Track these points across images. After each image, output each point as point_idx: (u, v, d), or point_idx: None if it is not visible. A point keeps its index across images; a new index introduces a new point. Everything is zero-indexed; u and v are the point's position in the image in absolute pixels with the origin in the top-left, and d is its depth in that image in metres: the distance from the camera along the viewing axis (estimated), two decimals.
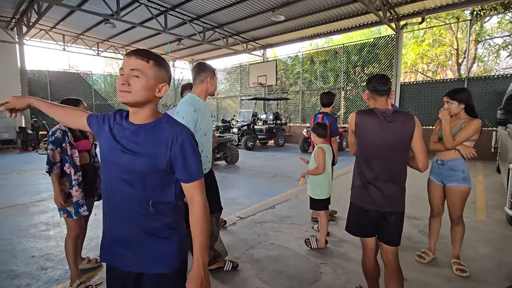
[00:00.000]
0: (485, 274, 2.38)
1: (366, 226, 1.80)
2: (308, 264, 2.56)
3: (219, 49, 12.73)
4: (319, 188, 2.89)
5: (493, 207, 4.07)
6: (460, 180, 2.33)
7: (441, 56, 14.30)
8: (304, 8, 8.89)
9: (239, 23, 10.23)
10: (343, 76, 11.51)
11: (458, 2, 8.23)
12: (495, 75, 8.71)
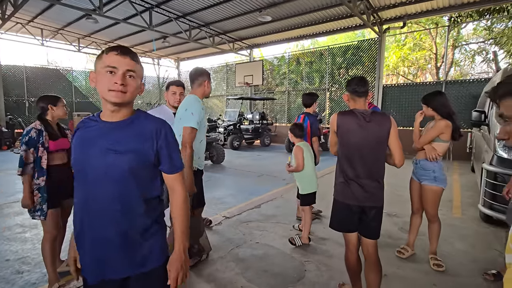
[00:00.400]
0: (460, 269, 2.50)
1: (349, 221, 1.87)
2: (292, 262, 2.59)
3: (205, 47, 12.60)
4: (301, 183, 3.01)
5: (468, 205, 4.27)
6: (431, 180, 2.44)
7: (421, 60, 14.85)
8: (291, 10, 8.97)
9: (226, 22, 10.19)
10: (328, 77, 11.71)
11: (437, 8, 8.57)
12: (470, 79, 9.14)
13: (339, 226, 1.93)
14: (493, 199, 3.21)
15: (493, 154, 3.28)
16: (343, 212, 1.87)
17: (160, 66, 17.29)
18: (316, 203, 3.81)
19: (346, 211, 1.85)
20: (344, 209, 1.86)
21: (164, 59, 16.93)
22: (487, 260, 2.67)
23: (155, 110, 2.53)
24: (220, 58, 18.74)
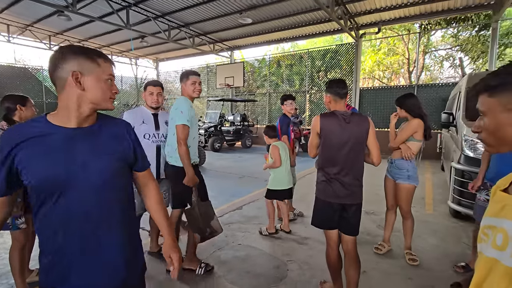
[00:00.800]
0: (433, 262, 2.63)
1: (330, 219, 1.92)
2: (275, 262, 2.60)
3: (185, 48, 12.42)
4: (272, 180, 3.18)
5: (439, 202, 4.50)
6: (405, 178, 2.57)
7: (395, 64, 15.57)
8: (271, 13, 9.06)
9: (206, 23, 10.11)
10: (308, 80, 11.94)
11: (409, 15, 9.03)
12: (439, 83, 9.68)
13: (320, 223, 1.98)
14: (461, 195, 3.41)
15: (461, 153, 3.49)
16: (324, 210, 1.93)
17: (138, 66, 16.80)
18: (297, 205, 3.86)
19: (327, 208, 1.91)
20: (325, 207, 1.91)
21: (142, 59, 16.49)
22: (457, 253, 2.84)
23: (132, 111, 2.46)
24: (201, 59, 18.53)
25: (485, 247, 0.70)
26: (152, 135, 2.40)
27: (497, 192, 0.73)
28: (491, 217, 0.71)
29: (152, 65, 17.06)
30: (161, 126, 2.46)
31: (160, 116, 2.49)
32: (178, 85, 16.56)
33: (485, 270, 0.67)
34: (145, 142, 2.37)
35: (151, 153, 2.40)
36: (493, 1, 7.76)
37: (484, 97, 0.72)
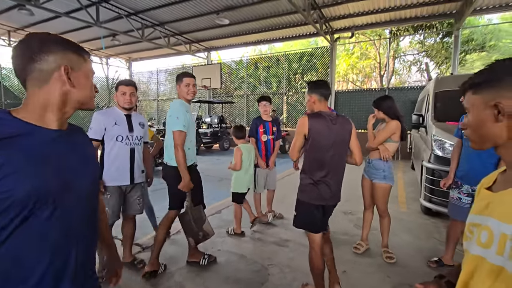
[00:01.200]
0: (408, 259, 2.71)
1: (316, 222, 1.91)
2: (255, 266, 2.54)
3: (160, 48, 12.05)
4: (234, 182, 3.19)
5: (411, 199, 4.70)
6: (381, 178, 2.63)
7: (367, 68, 16.23)
8: (248, 14, 9.05)
9: (182, 22, 9.87)
10: (285, 82, 12.07)
11: (380, 21, 9.44)
12: (408, 87, 10.21)
13: (305, 226, 1.96)
14: (432, 193, 3.57)
15: (431, 153, 3.66)
16: (310, 214, 1.90)
17: (109, 66, 16.05)
18: (276, 207, 3.84)
19: (313, 211, 1.89)
20: (311, 210, 1.89)
21: (114, 58, 15.77)
22: (429, 248, 2.95)
23: (103, 112, 2.29)
24: (176, 60, 18.11)
25: (471, 244, 0.71)
26: (126, 137, 2.25)
27: (482, 190, 0.75)
28: (476, 215, 0.72)
29: (125, 65, 16.38)
30: (134, 128, 2.32)
31: (134, 118, 2.35)
32: (152, 86, 16.05)
33: (471, 267, 0.68)
34: (118, 144, 2.22)
35: (124, 156, 2.26)
36: (454, 11, 8.32)
37: (469, 95, 0.73)
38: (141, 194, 2.44)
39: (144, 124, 2.42)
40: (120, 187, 2.27)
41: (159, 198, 4.58)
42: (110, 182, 2.23)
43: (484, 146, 0.73)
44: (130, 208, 2.39)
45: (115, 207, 2.25)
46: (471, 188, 2.30)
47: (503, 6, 7.95)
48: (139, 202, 2.42)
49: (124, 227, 2.48)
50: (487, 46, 12.85)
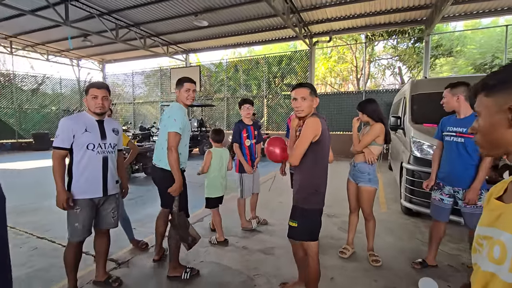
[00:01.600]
0: (393, 261, 2.72)
1: (319, 227, 1.91)
2: (241, 277, 2.43)
3: (136, 49, 11.64)
4: (206, 187, 3.13)
5: (391, 200, 4.80)
6: (366, 181, 2.63)
7: (345, 72, 16.69)
8: (228, 16, 8.96)
9: (158, 23, 9.58)
10: (265, 85, 12.08)
11: (356, 26, 9.73)
12: (383, 90, 10.58)
13: (310, 236, 1.87)
14: (412, 193, 3.65)
15: (410, 154, 3.74)
16: (315, 221, 1.88)
17: (80, 68, 15.26)
18: (260, 212, 3.75)
19: (318, 218, 1.89)
20: (316, 216, 1.88)
21: (86, 60, 15.01)
22: (412, 249, 2.99)
23: (72, 117, 2.07)
24: (153, 62, 17.61)
25: (481, 258, 0.66)
26: (98, 145, 2.06)
27: (492, 200, 0.70)
28: (486, 227, 0.68)
29: (98, 66, 15.65)
30: (108, 135, 2.13)
31: (107, 124, 2.16)
32: (128, 89, 15.45)
33: (481, 284, 0.63)
34: (88, 153, 2.03)
35: (96, 165, 2.06)
36: (425, 18, 8.75)
37: (481, 97, 0.68)
38: (116, 206, 2.24)
39: (118, 130, 2.24)
40: (91, 200, 2.07)
41: (136, 207, 4.34)
42: (79, 194, 2.02)
43: (494, 153, 0.69)
44: (104, 222, 2.20)
45: (86, 222, 2.05)
46: (452, 189, 2.34)
47: (467, 14, 8.49)
48: (114, 215, 2.22)
49: (97, 242, 2.27)
50: (454, 51, 13.67)
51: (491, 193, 0.75)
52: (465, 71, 12.53)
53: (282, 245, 3.04)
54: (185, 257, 2.80)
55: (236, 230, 3.49)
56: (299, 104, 1.85)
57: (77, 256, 2.12)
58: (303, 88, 1.87)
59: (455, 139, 2.29)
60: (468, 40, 13.55)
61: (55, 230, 3.45)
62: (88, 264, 2.59)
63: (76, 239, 2.05)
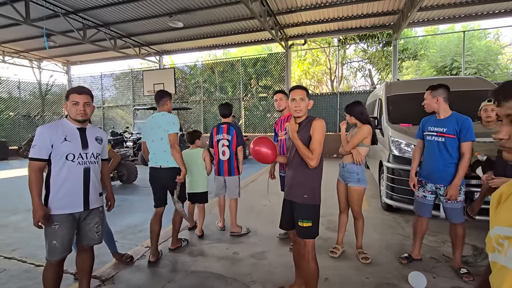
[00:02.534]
0: (380, 257, 2.81)
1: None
2: (236, 285, 2.37)
3: (105, 51, 11.06)
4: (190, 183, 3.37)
5: (370, 197, 4.97)
6: (355, 181, 2.70)
7: (319, 74, 17.16)
8: (203, 18, 8.82)
9: (130, 24, 9.18)
10: (242, 87, 12.05)
11: (329, 30, 10.06)
12: (356, 91, 11.03)
13: (318, 232, 2.00)
14: (392, 190, 3.81)
15: (389, 153, 3.91)
16: (319, 216, 2.01)
17: (42, 70, 14.19)
18: (245, 217, 3.70)
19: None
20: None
21: (48, 61, 13.99)
22: (396, 244, 3.11)
23: (51, 126, 1.85)
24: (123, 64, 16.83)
25: (505, 258, 0.66)
26: (78, 155, 1.88)
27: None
28: (508, 227, 0.68)
29: (62, 69, 14.65)
30: (90, 144, 1.96)
31: (89, 131, 1.99)
32: (96, 92, 14.65)
33: (509, 284, 0.62)
34: (68, 164, 1.85)
35: (77, 177, 1.89)
36: (392, 23, 9.26)
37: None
38: (100, 220, 2.07)
39: (102, 138, 2.07)
40: (71, 215, 1.89)
41: (114, 218, 4.09)
42: (58, 209, 1.84)
43: None
44: (86, 238, 2.01)
45: (65, 239, 1.85)
46: (434, 186, 2.47)
47: (430, 20, 9.14)
48: (98, 230, 2.04)
49: (80, 259, 2.08)
50: (419, 54, 14.63)
51: (501, 193, 0.75)
52: (428, 73, 13.46)
53: (272, 248, 3.03)
54: (174, 267, 2.68)
55: (226, 235, 3.41)
56: (298, 104, 1.92)
57: (58, 277, 1.92)
58: (301, 89, 1.95)
59: (436, 138, 2.42)
60: (430, 45, 14.57)
61: (25, 249, 3.14)
62: (68, 284, 2.38)
63: (55, 258, 1.86)
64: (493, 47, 13.17)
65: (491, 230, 0.75)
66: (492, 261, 0.72)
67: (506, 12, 8.46)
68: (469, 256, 2.70)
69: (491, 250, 0.73)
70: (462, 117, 2.36)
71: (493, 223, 0.75)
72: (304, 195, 1.91)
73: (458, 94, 3.82)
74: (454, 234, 2.45)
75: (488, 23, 21.91)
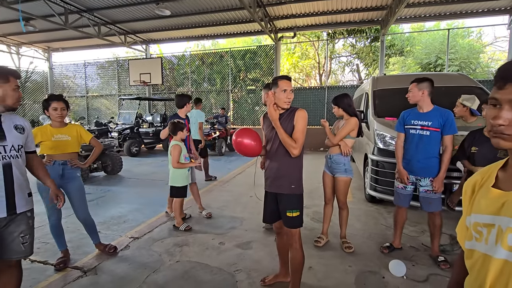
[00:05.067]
0: (363, 246, 2.89)
1: None
2: (221, 275, 2.38)
3: (89, 38, 10.62)
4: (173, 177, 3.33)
5: (355, 189, 5.08)
6: (342, 172, 2.75)
7: (308, 68, 17.20)
8: (192, 7, 8.60)
9: (114, 10, 8.84)
10: (230, 79, 11.93)
11: (318, 24, 10.05)
12: (344, 85, 11.15)
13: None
14: (376, 182, 3.90)
15: (374, 146, 3.99)
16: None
17: (21, 56, 13.52)
18: (233, 205, 3.71)
19: None
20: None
21: (28, 47, 13.33)
22: (378, 234, 3.21)
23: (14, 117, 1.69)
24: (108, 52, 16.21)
25: (485, 246, 0.67)
26: None
27: (490, 189, 0.70)
28: (488, 215, 0.68)
29: (43, 55, 14.01)
30: (8, 135, 1.62)
31: (6, 120, 1.65)
32: (79, 81, 14.14)
33: (496, 271, 0.63)
34: None
35: None
36: (380, 18, 9.35)
37: None
38: (28, 228, 1.71)
39: (24, 127, 1.73)
40: None
41: (98, 209, 4.00)
42: None
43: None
44: (9, 251, 1.64)
45: None
46: (414, 177, 2.54)
47: (416, 17, 9.28)
48: (25, 241, 1.68)
49: (2, 279, 1.68)
50: (405, 51, 14.88)
51: (475, 181, 0.76)
52: (413, 70, 13.74)
53: (258, 238, 3.06)
54: (159, 257, 2.67)
55: (210, 227, 3.41)
56: (290, 95, 1.90)
57: None
58: (290, 81, 1.93)
59: (420, 132, 2.48)
60: (416, 41, 14.85)
61: None
62: (49, 275, 2.33)
63: None
64: (476, 45, 13.56)
65: (467, 218, 0.76)
66: (469, 249, 0.72)
67: (489, 11, 8.70)
68: (447, 245, 2.82)
69: (468, 238, 0.74)
70: (446, 111, 2.43)
71: (469, 211, 0.75)
72: (291, 186, 1.92)
73: (441, 90, 3.92)
74: (432, 224, 2.55)
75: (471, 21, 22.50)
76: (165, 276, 2.35)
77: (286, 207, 1.94)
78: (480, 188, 0.75)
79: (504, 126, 0.64)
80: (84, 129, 2.66)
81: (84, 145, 5.61)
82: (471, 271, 0.71)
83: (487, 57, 14.49)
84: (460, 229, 0.82)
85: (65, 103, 2.49)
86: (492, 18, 9.12)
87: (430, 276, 2.36)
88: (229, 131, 9.81)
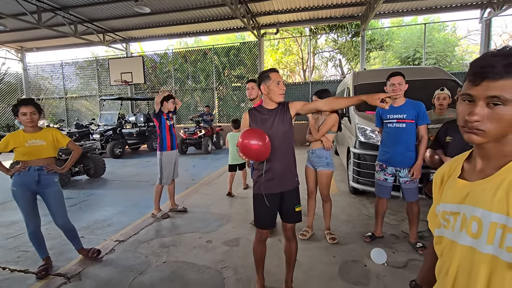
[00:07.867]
0: (347, 237, 2.98)
1: None
2: (208, 273, 2.40)
3: (65, 37, 10.24)
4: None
5: (339, 182, 5.21)
6: (325, 165, 2.82)
7: (292, 63, 17.29)
8: (172, 3, 8.45)
9: (90, 8, 8.56)
10: (215, 76, 11.83)
11: (301, 20, 10.12)
12: (327, 80, 11.30)
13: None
14: (359, 174, 4.02)
15: (356, 139, 4.09)
16: None
17: None
18: (219, 204, 3.71)
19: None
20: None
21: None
22: (361, 224, 3.32)
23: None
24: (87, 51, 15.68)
25: (452, 233, 0.70)
26: None
27: (456, 180, 0.74)
28: (454, 204, 0.71)
29: (16, 56, 13.38)
30: None
31: None
32: (57, 82, 13.62)
33: (461, 257, 0.67)
34: None
35: None
36: (360, 14, 9.52)
37: (507, 81, 0.59)
38: None
39: None
40: None
41: (81, 213, 3.91)
42: None
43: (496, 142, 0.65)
44: None
45: None
46: (394, 169, 2.64)
47: (395, 12, 9.53)
48: None
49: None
50: (385, 45, 15.22)
51: (443, 172, 0.80)
52: (393, 64, 14.10)
53: (245, 235, 3.09)
54: (145, 259, 2.65)
55: (197, 225, 3.41)
56: (283, 87, 1.84)
57: None
58: (279, 73, 1.88)
59: (396, 124, 2.58)
60: (395, 36, 15.22)
61: None
62: (30, 284, 2.27)
63: None
64: (450, 39, 14.06)
65: (437, 207, 0.80)
66: (438, 236, 0.77)
67: (462, 6, 9.05)
68: (424, 231, 2.96)
69: (437, 225, 0.78)
70: (418, 103, 2.54)
71: (438, 200, 0.80)
72: (295, 179, 1.93)
73: (417, 83, 4.06)
74: (410, 211, 2.67)
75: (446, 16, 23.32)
76: (151, 277, 2.35)
77: (294, 202, 1.90)
78: (448, 178, 0.79)
79: (479, 122, 0.63)
80: (60, 133, 2.56)
81: (63, 149, 5.45)
82: (440, 257, 0.76)
83: (462, 50, 15.06)
84: (430, 217, 0.87)
85: (36, 106, 2.37)
86: (465, 12, 9.46)
87: (409, 261, 2.47)
88: (214, 129, 9.76)
